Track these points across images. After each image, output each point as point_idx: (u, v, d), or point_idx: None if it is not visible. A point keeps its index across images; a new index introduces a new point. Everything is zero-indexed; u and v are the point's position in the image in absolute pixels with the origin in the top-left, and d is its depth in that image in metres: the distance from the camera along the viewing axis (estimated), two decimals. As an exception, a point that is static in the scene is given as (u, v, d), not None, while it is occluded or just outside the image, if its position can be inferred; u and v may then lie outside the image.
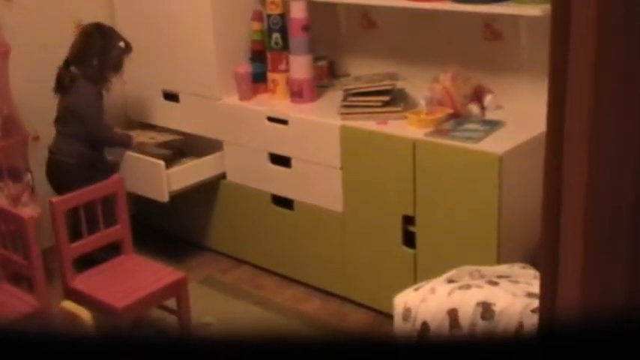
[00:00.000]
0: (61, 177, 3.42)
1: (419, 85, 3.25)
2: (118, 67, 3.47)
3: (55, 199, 2.92)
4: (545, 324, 0.90)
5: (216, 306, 3.40)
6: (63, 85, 3.41)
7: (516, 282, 2.25)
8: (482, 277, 2.35)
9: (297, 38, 3.36)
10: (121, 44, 3.45)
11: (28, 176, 3.47)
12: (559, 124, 0.80)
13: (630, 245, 0.81)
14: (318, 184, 3.30)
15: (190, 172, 3.60)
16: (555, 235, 0.86)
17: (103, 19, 3.90)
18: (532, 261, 2.55)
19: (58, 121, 3.47)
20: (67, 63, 3.42)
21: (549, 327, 0.88)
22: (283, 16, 3.45)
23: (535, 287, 1.92)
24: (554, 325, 0.87)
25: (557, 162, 0.83)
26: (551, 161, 0.86)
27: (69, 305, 2.75)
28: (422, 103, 3.17)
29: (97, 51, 3.39)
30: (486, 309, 2.15)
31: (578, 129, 0.78)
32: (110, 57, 3.42)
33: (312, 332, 3.17)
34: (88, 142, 3.42)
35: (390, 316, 2.48)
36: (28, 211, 3.23)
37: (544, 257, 0.91)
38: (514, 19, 3.02)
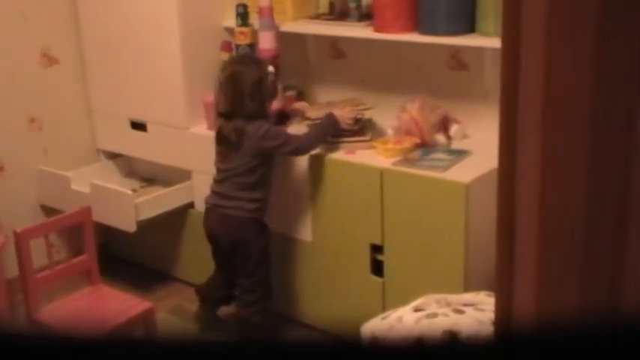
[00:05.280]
0: (239, 232, 3.12)
1: (387, 114, 3.28)
2: (274, 94, 3.13)
3: (19, 229, 2.88)
4: (500, 335, 0.92)
5: (185, 336, 3.37)
6: (231, 143, 3.03)
7: (482, 310, 2.26)
8: (448, 305, 2.36)
9: (265, 68, 3.37)
10: (270, 68, 3.07)
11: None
12: (511, 123, 0.82)
13: (584, 258, 0.83)
14: (288, 213, 3.30)
15: (158, 202, 3.58)
16: (510, 252, 0.88)
17: (70, 46, 3.89)
18: (498, 289, 2.56)
19: (227, 180, 3.10)
20: (224, 116, 3.04)
21: (504, 337, 0.90)
22: (252, 46, 3.46)
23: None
24: (509, 335, 0.89)
25: (511, 177, 0.85)
26: (504, 175, 0.88)
27: (33, 337, 2.71)
28: (389, 132, 3.20)
29: (252, 87, 2.97)
30: (452, 337, 2.16)
31: (530, 144, 0.80)
32: (267, 87, 3.03)
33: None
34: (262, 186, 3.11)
35: (358, 346, 2.47)
36: (-10, 241, 3.19)
37: (498, 272, 0.94)
38: (480, 50, 3.06)
